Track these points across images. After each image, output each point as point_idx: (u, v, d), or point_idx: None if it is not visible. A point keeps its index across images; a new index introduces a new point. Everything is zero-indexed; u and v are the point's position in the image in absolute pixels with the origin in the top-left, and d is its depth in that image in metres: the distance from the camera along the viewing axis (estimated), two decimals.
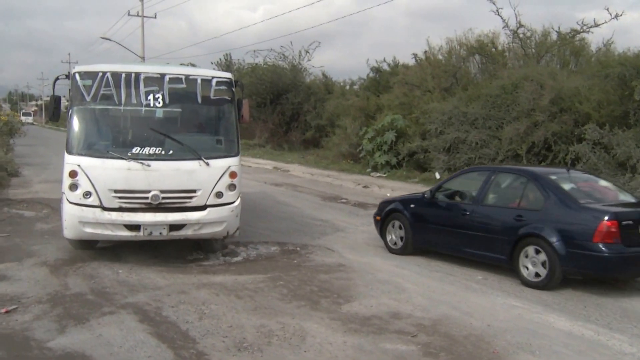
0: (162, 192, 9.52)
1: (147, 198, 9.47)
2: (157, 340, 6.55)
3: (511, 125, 20.35)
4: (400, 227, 11.36)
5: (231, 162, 10.05)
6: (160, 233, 9.61)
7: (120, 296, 8.12)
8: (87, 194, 9.35)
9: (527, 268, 9.25)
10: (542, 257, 9.04)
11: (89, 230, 9.48)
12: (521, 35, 25.16)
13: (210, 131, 10.89)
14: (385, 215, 11.77)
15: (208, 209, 9.81)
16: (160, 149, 9.70)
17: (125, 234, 9.59)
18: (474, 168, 14.80)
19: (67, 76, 10.17)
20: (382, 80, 32.88)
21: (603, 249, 8.57)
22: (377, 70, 34.29)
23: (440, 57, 28.50)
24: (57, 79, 10.64)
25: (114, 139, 10.18)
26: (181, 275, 9.27)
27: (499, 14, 24.90)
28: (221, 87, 10.34)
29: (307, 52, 41.92)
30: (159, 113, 10.05)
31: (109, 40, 46.61)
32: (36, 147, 37.46)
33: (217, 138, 10.62)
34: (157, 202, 9.50)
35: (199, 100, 10.26)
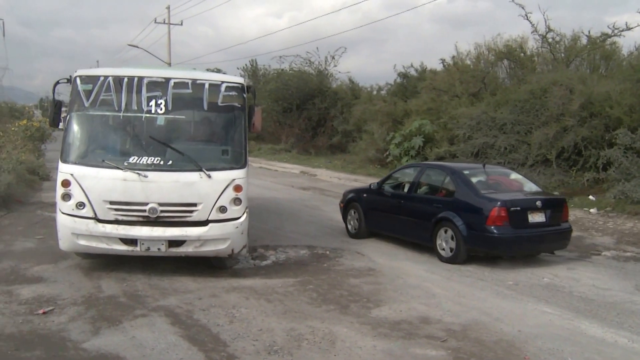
0: (161, 204, 8.93)
1: (144, 211, 8.90)
2: (188, 343, 6.61)
3: (540, 130, 20.25)
4: (355, 214, 13.39)
5: (236, 175, 9.29)
6: (159, 249, 9.04)
7: (152, 299, 8.20)
8: (80, 205, 8.90)
9: (442, 246, 11.06)
10: (451, 237, 10.87)
11: (82, 242, 9.05)
12: (550, 40, 25.00)
13: (215, 140, 9.99)
14: (346, 203, 13.83)
15: (210, 225, 9.13)
16: (159, 158, 9.08)
17: (121, 248, 9.06)
18: (411, 164, 16.59)
19: (69, 80, 9.55)
20: (409, 85, 32.88)
21: (494, 230, 10.41)
22: (404, 75, 34.30)
23: (468, 62, 28.45)
24: (57, 83, 9.87)
25: (111, 147, 9.59)
26: (212, 278, 9.31)
27: (527, 19, 24.80)
28: (231, 93, 9.57)
29: (333, 57, 42.08)
30: (160, 120, 9.37)
31: (136, 47, 47.02)
32: None
33: (222, 148, 9.75)
34: (155, 216, 8.92)
35: (205, 106, 9.53)
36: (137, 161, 8.99)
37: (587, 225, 15.00)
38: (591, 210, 16.55)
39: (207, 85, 9.50)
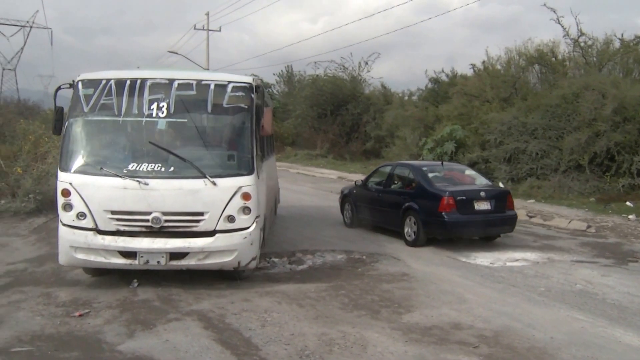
0: (165, 214, 8.53)
1: (147, 221, 8.52)
2: (221, 347, 6.70)
3: (572, 135, 20.12)
4: (349, 207, 15.51)
5: (243, 182, 8.80)
6: (158, 262, 8.60)
7: (185, 303, 8.30)
8: (81, 215, 8.55)
9: (408, 233, 12.99)
10: (414, 223, 12.81)
11: (80, 256, 8.65)
12: (582, 44, 24.79)
13: (220, 145, 9.43)
14: (342, 198, 16.05)
15: (216, 235, 8.71)
16: (160, 165, 8.67)
17: (120, 261, 8.64)
18: (387, 163, 18.08)
19: (72, 85, 9.15)
20: (440, 90, 32.84)
21: (445, 216, 12.27)
22: (435, 81, 34.29)
23: (499, 67, 28.30)
24: (59, 88, 9.49)
25: (110, 154, 9.08)
26: (245, 283, 9.36)
27: (559, 23, 24.63)
28: (237, 94, 9.07)
29: (366, 63, 42.17)
30: (162, 124, 8.99)
31: (176, 53, 47.38)
32: None
33: (228, 153, 9.23)
34: (158, 226, 8.53)
35: (209, 108, 9.06)
36: (137, 168, 8.63)
37: (626, 232, 14.84)
38: (630, 216, 16.40)
39: (212, 86, 9.08)
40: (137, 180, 8.49)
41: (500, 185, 21.87)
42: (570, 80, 23.21)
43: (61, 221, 8.68)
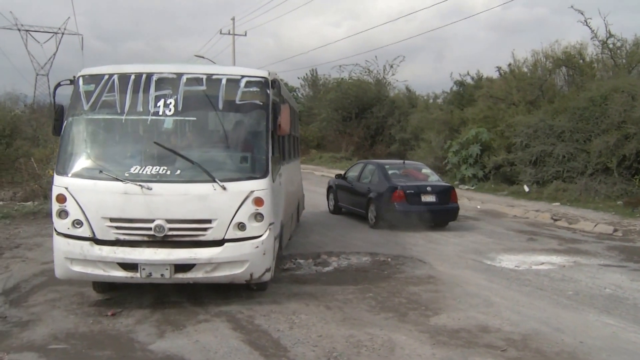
0: (169, 221, 7.77)
1: (149, 229, 7.75)
2: (249, 348, 6.75)
3: (600, 138, 20.01)
4: (332, 196, 18.42)
5: (256, 186, 8.06)
6: (162, 275, 7.83)
7: (214, 305, 8.35)
8: (77, 223, 7.80)
9: (370, 217, 15.82)
10: (374, 210, 15.64)
11: (77, 269, 7.90)
12: (611, 46, 24.64)
13: (232, 146, 8.67)
14: (327, 189, 18.97)
15: (225, 245, 7.94)
16: (165, 168, 7.94)
17: (120, 274, 7.86)
18: (360, 161, 20.65)
19: (72, 81, 8.47)
20: (465, 93, 32.77)
21: (396, 206, 15.13)
22: (460, 83, 34.23)
23: (525, 69, 28.19)
24: (58, 85, 8.72)
25: (111, 155, 8.38)
26: (273, 284, 9.31)
27: (587, 25, 24.57)
28: (251, 89, 8.37)
29: (391, 66, 42.25)
30: (168, 123, 8.29)
31: (202, 57, 47.68)
32: None
33: (240, 155, 8.51)
34: (162, 235, 7.76)
35: (220, 105, 8.31)
36: (140, 171, 7.90)
37: None
38: None
39: (224, 81, 8.35)
40: (140, 185, 7.75)
41: (525, 188, 21.89)
42: (598, 82, 23.05)
43: (55, 229, 7.92)
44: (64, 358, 6.44)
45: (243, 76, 8.46)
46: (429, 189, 15.58)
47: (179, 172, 7.95)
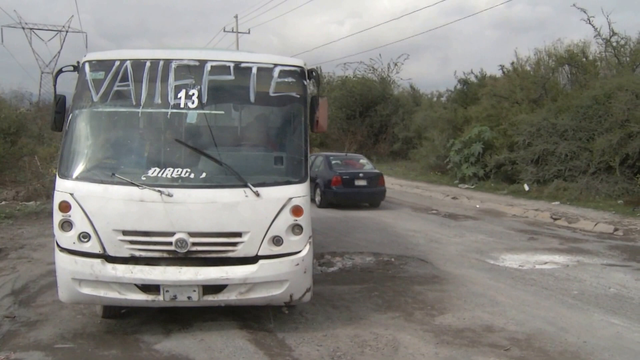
0: (192, 235, 6.61)
1: (169, 244, 6.60)
2: (255, 347, 6.78)
3: (603, 136, 19.99)
4: None
5: (294, 192, 6.92)
6: (189, 298, 6.70)
7: None
8: (83, 237, 6.58)
9: (316, 198, 19.42)
10: (319, 194, 19.55)
11: (86, 291, 6.69)
12: (614, 44, 24.61)
13: (266, 144, 7.68)
14: None
15: (260, 262, 6.79)
16: (189, 170, 6.73)
17: (139, 297, 6.70)
18: (313, 154, 22.26)
19: (75, 68, 7.14)
20: (469, 92, 32.75)
21: (334, 188, 19.17)
22: (464, 82, 34.18)
23: (528, 68, 28.19)
24: (60, 72, 7.26)
25: (124, 155, 7.18)
26: None
27: (590, 23, 24.56)
28: (287, 80, 7.22)
29: (395, 64, 42.25)
30: (191, 117, 7.07)
31: None
32: None
33: (275, 155, 7.39)
34: (184, 250, 6.62)
35: (252, 98, 7.13)
36: (159, 174, 6.68)
37: None
38: None
39: (254, 70, 7.15)
40: (159, 190, 6.55)
41: (525, 187, 21.99)
42: (602, 81, 23.05)
43: (58, 244, 6.73)
44: (70, 357, 6.48)
45: (276, 65, 7.25)
46: (361, 175, 19.81)
47: (204, 175, 6.77)
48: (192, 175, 6.73)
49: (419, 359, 6.58)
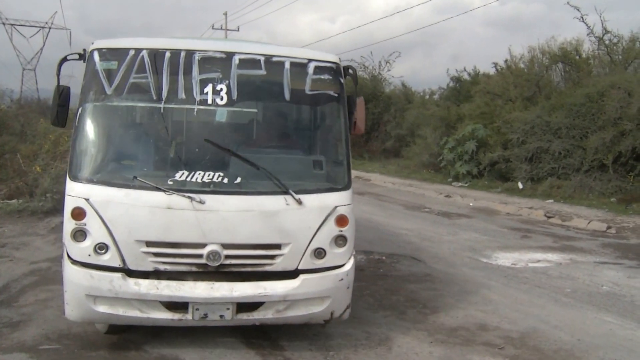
0: (225, 246, 5.93)
1: (199, 256, 5.91)
2: (246, 347, 6.68)
3: (596, 134, 19.99)
4: None
5: (339, 200, 6.32)
6: (222, 316, 6.01)
7: None
8: (100, 248, 5.82)
9: None
10: None
11: (102, 309, 5.93)
12: (607, 42, 24.63)
13: (304, 147, 7.03)
14: None
15: (302, 277, 6.14)
16: (221, 174, 5.99)
17: (163, 316, 5.99)
18: None
19: (81, 56, 6.35)
20: (462, 89, 32.71)
21: None
22: (457, 79, 34.13)
23: (522, 65, 28.20)
24: (64, 59, 6.40)
25: (146, 156, 6.46)
26: None
27: (583, 21, 24.54)
28: (322, 77, 6.52)
29: (387, 62, 42.16)
30: (221, 115, 6.32)
31: None
32: None
33: (315, 159, 6.78)
34: (216, 264, 5.92)
35: (287, 96, 6.40)
36: (188, 178, 5.93)
37: None
38: None
39: (287, 65, 6.40)
40: (189, 197, 5.81)
41: (519, 185, 22.01)
42: (595, 78, 23.09)
43: (69, 256, 5.93)
44: (56, 358, 6.34)
45: (310, 60, 6.54)
46: None
47: (239, 180, 6.03)
48: (225, 180, 5.98)
49: (412, 358, 6.54)
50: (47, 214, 14.90)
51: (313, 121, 7.08)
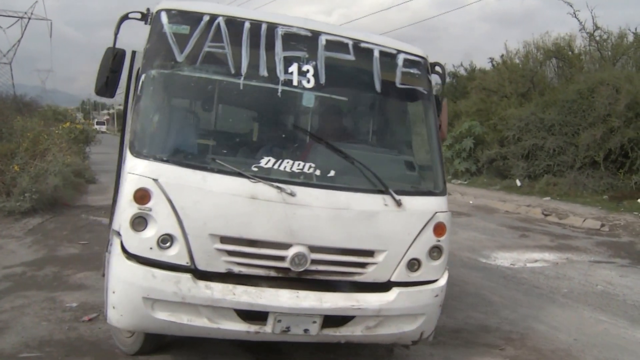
0: (313, 249, 4.87)
1: (282, 259, 4.82)
2: (245, 352, 6.43)
3: (587, 131, 20.05)
4: None
5: (438, 205, 5.40)
6: (306, 331, 4.97)
7: None
8: (164, 241, 4.66)
9: None
10: None
11: (162, 316, 4.80)
12: (597, 38, 24.79)
13: (399, 145, 6.10)
14: None
15: (396, 290, 5.19)
16: (313, 165, 4.96)
17: (237, 328, 4.88)
18: None
19: (144, 16, 5.32)
20: (459, 85, 32.71)
21: None
22: (454, 75, 34.09)
23: (517, 60, 28.25)
24: (125, 17, 5.32)
25: (224, 137, 5.67)
26: None
27: (575, 17, 24.76)
28: (412, 71, 5.60)
29: None
30: (309, 100, 5.31)
31: None
32: (111, 154, 38.27)
33: (407, 159, 5.83)
34: (300, 269, 4.86)
35: (378, 87, 5.44)
36: (276, 166, 4.88)
37: (638, 231, 14.84)
38: None
39: (376, 54, 5.47)
40: (278, 187, 4.76)
41: (517, 183, 22.00)
42: (586, 75, 23.22)
43: (124, 248, 4.72)
44: None
45: (399, 51, 5.61)
46: None
47: (332, 173, 5.03)
48: (317, 172, 4.97)
49: None
50: (24, 215, 14.30)
51: (404, 117, 6.16)
